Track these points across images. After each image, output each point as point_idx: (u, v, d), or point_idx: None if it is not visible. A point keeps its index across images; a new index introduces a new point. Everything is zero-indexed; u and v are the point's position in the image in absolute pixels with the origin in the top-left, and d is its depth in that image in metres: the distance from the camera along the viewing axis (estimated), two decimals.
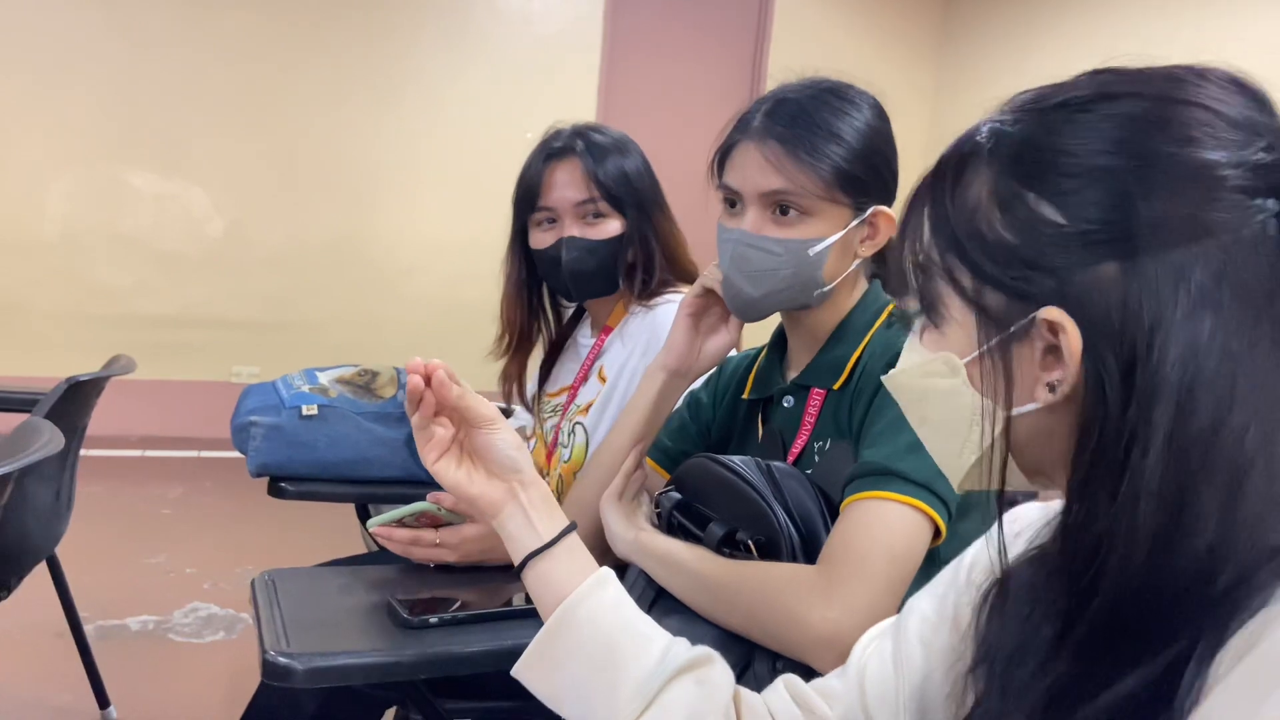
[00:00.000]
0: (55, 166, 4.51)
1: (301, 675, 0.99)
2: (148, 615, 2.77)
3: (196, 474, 4.23)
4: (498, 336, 1.68)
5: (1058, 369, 0.55)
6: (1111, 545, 0.52)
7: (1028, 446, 0.59)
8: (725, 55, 5.56)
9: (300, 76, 4.77)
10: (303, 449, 1.67)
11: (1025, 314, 0.56)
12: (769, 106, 1.13)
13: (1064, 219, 0.55)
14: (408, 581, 1.28)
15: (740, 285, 1.15)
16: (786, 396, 1.19)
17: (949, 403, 0.62)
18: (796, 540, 1.00)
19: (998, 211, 0.57)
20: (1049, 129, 0.56)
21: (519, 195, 1.59)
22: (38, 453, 1.35)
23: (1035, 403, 0.57)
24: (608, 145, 1.55)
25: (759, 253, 1.12)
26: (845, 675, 0.78)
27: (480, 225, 4.95)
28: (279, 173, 4.79)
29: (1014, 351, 0.57)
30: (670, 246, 1.60)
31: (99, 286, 4.59)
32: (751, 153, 1.11)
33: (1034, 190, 0.56)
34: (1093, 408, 0.54)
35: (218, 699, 2.32)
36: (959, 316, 0.60)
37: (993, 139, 0.59)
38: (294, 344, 4.78)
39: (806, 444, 1.14)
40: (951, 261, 0.60)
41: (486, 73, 5.03)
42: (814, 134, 1.09)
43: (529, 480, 0.84)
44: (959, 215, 0.59)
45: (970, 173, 0.59)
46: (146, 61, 4.55)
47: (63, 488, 2.03)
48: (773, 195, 1.10)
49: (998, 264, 0.57)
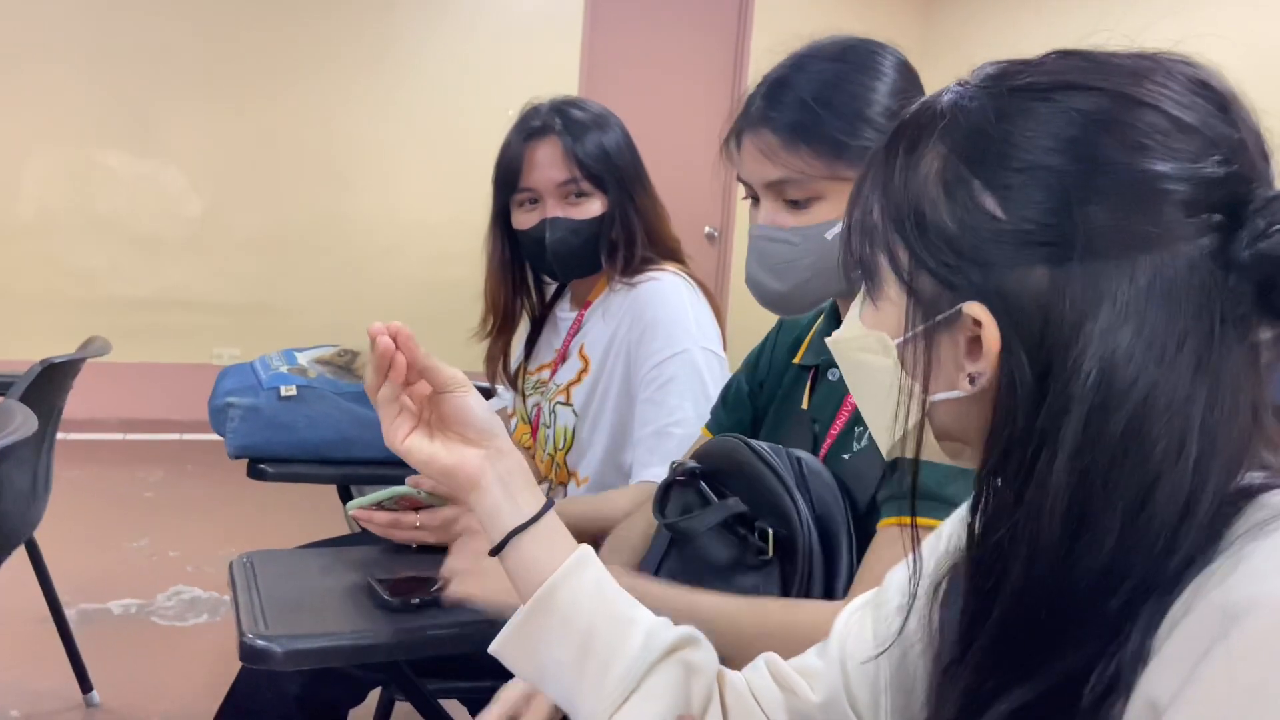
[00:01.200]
0: (29, 147, 4.44)
1: (280, 658, 0.99)
2: (130, 599, 2.75)
3: (178, 457, 4.21)
4: (482, 318, 1.66)
5: (979, 361, 0.55)
6: (1013, 552, 0.52)
7: (948, 430, 0.59)
8: (708, 28, 5.52)
9: (278, 56, 4.71)
10: (282, 430, 1.65)
11: (952, 304, 0.55)
12: (766, 89, 1.06)
13: (1004, 214, 0.53)
14: (388, 562, 1.27)
15: (766, 281, 1.09)
16: (833, 369, 1.13)
17: (878, 379, 0.62)
18: (815, 543, 0.98)
19: (943, 195, 0.56)
20: (1004, 115, 0.55)
21: (499, 175, 1.57)
22: (10, 436, 1.34)
23: (956, 391, 0.57)
24: (587, 122, 1.53)
25: (777, 245, 1.06)
26: (826, 653, 0.77)
27: (461, 204, 4.92)
28: (257, 153, 4.74)
29: (939, 338, 0.57)
30: (652, 222, 1.58)
31: (76, 269, 4.54)
32: (750, 143, 1.06)
33: (979, 178, 0.55)
34: (1004, 407, 0.53)
35: (201, 682, 2.31)
36: (893, 295, 0.59)
37: (950, 114, 0.57)
38: (275, 325, 4.75)
39: (846, 425, 1.08)
40: (892, 236, 0.59)
41: (467, 49, 4.98)
42: (808, 113, 1.02)
43: (505, 449, 0.80)
44: (907, 191, 0.58)
45: (924, 146, 0.58)
46: (121, 39, 4.49)
47: (39, 471, 2.01)
48: (777, 185, 1.05)
49: (933, 249, 0.56)
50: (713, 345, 1.50)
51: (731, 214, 5.62)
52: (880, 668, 0.72)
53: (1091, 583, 0.50)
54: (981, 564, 0.54)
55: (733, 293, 5.50)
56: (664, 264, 1.57)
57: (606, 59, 5.29)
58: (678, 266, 1.58)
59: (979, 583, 0.54)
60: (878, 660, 0.72)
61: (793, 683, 0.77)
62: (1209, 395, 0.50)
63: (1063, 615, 0.50)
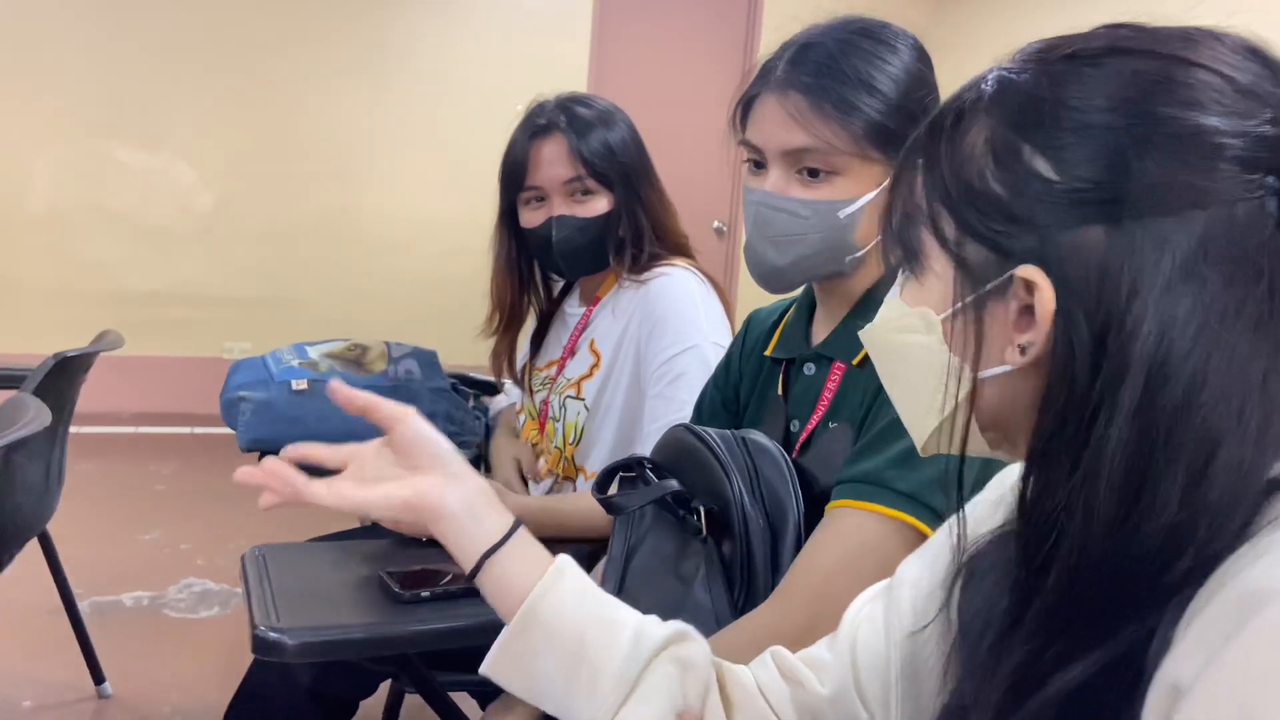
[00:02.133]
0: (41, 141, 4.46)
1: (291, 650, 0.99)
2: (142, 591, 2.77)
3: (189, 450, 4.23)
4: (488, 315, 1.67)
5: (1030, 331, 0.54)
6: (1069, 521, 0.50)
7: (993, 412, 0.58)
8: (717, 23, 5.51)
9: (289, 50, 4.72)
10: (293, 424, 1.66)
11: (1003, 270, 0.54)
12: (793, 53, 1.02)
13: (1056, 175, 0.53)
14: (399, 555, 1.28)
15: (764, 252, 1.05)
16: (808, 364, 1.11)
17: (921, 360, 0.60)
18: (755, 519, 0.97)
19: (991, 162, 0.55)
20: (1055, 80, 0.54)
21: (505, 173, 1.57)
22: (24, 429, 1.35)
23: (1005, 365, 0.55)
24: (592, 119, 1.53)
25: (784, 215, 1.02)
26: (835, 645, 0.76)
27: (470, 200, 4.92)
28: (268, 147, 4.75)
29: (989, 309, 0.55)
30: (659, 218, 1.58)
31: (87, 263, 4.55)
32: (773, 106, 1.01)
33: (1030, 143, 0.54)
34: (1060, 373, 0.52)
35: (212, 674, 2.33)
36: (938, 269, 0.58)
37: (996, 86, 0.57)
38: (285, 319, 4.76)
39: (821, 420, 1.07)
40: (937, 210, 0.58)
41: (476, 45, 4.98)
42: (842, 83, 0.98)
43: (462, 473, 0.77)
44: (952, 163, 0.57)
45: (970, 120, 0.57)
46: (133, 35, 4.50)
47: (52, 464, 2.02)
48: (797, 153, 1.00)
49: (983, 216, 0.55)
50: (722, 340, 1.50)
51: (740, 208, 5.61)
52: (891, 660, 0.71)
53: (1151, 551, 0.48)
54: (1034, 535, 0.53)
55: (742, 287, 5.49)
56: (673, 259, 1.57)
57: (615, 55, 5.28)
58: (687, 261, 1.58)
59: (1031, 554, 0.53)
60: (889, 652, 0.71)
61: (800, 675, 0.76)
62: (1269, 358, 0.49)
63: (1122, 585, 0.49)
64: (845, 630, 0.76)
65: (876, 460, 0.95)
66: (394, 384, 1.75)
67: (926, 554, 0.74)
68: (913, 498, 0.93)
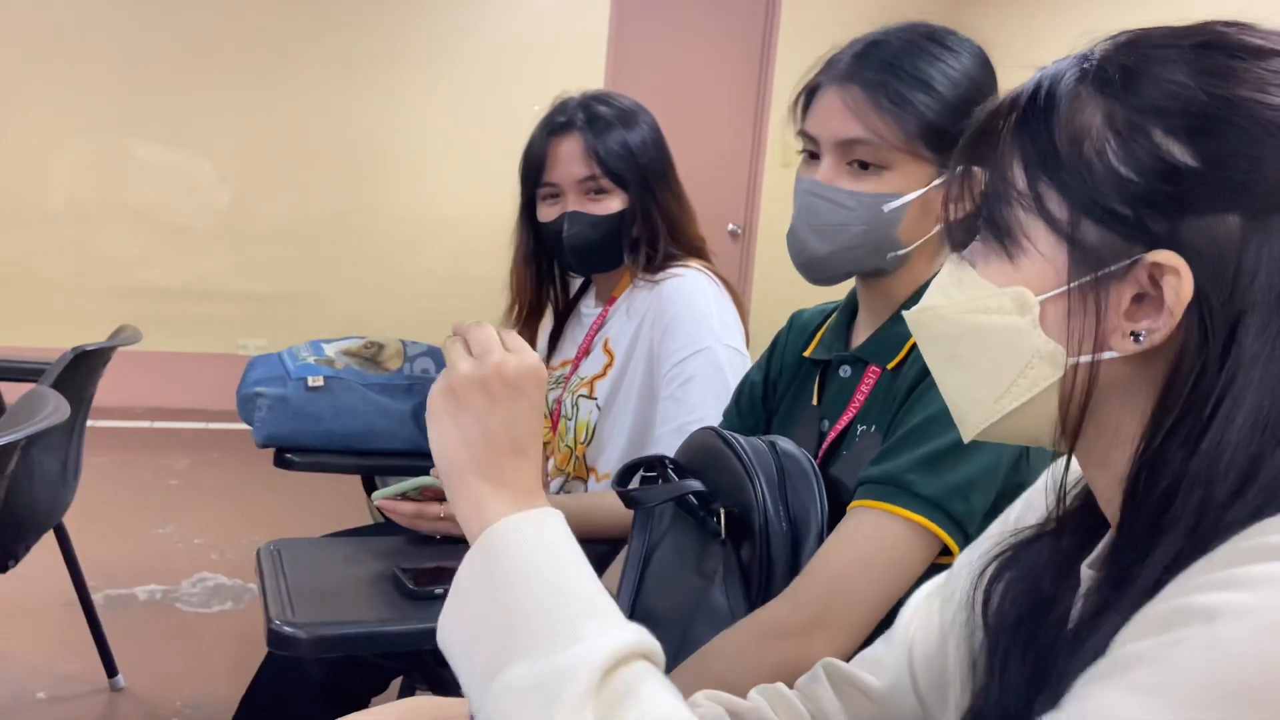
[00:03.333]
0: (61, 137, 4.49)
1: (306, 644, 1.00)
2: (155, 585, 2.78)
3: (204, 445, 4.25)
4: (508, 307, 1.68)
5: (1146, 318, 0.52)
6: (1184, 505, 0.50)
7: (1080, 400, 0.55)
8: (735, 25, 5.50)
9: (307, 48, 4.74)
10: (309, 420, 1.67)
11: (1128, 254, 0.52)
12: (859, 49, 1.04)
13: (1194, 160, 0.51)
14: (413, 552, 1.28)
15: (806, 239, 1.05)
16: (844, 366, 1.11)
17: (1003, 342, 0.57)
18: (777, 524, 0.97)
19: (1113, 142, 0.53)
20: (1187, 67, 0.53)
21: (525, 168, 1.58)
22: (44, 422, 1.35)
23: (1113, 351, 0.54)
24: (611, 118, 1.54)
25: (829, 205, 1.03)
26: (891, 641, 0.75)
27: (487, 197, 4.95)
28: (285, 144, 4.78)
29: (1106, 292, 0.53)
30: (676, 220, 1.59)
31: (105, 258, 4.58)
32: (832, 97, 1.03)
33: (1161, 125, 0.52)
34: (1190, 363, 0.51)
35: (225, 668, 2.34)
36: (1045, 250, 0.56)
37: (1108, 66, 0.55)
38: (300, 316, 4.78)
39: (850, 423, 1.07)
40: (1044, 189, 0.55)
41: (494, 45, 4.99)
42: (900, 80, 1.00)
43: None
44: (1063, 140, 0.55)
45: (1078, 98, 0.55)
46: (152, 32, 4.53)
47: (69, 457, 2.04)
48: (849, 144, 1.02)
49: (1107, 197, 0.53)
50: (736, 343, 1.50)
51: (756, 211, 5.60)
52: (949, 653, 0.70)
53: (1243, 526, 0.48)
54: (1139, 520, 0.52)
55: (756, 290, 5.49)
56: (688, 261, 1.57)
57: (633, 56, 5.29)
58: (702, 263, 1.58)
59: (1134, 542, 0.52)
60: (944, 646, 0.71)
61: (854, 679, 0.75)
62: None
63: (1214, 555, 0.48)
64: (902, 625, 0.76)
65: (900, 461, 0.95)
66: (409, 382, 1.76)
67: (983, 546, 0.72)
68: (934, 503, 0.93)
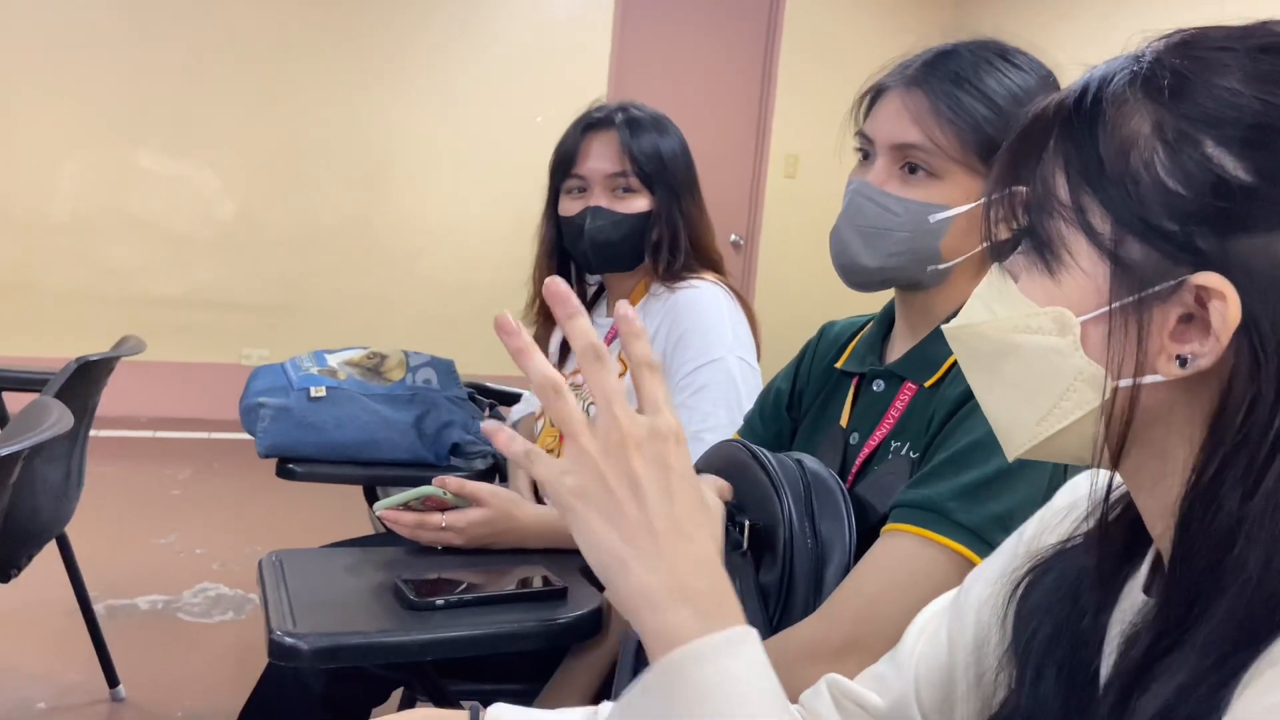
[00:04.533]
0: (66, 147, 4.51)
1: (308, 655, 1.00)
2: (157, 595, 2.78)
3: (206, 455, 4.25)
4: (529, 301, 1.68)
5: (1192, 341, 0.49)
6: (1247, 545, 0.46)
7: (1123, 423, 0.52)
8: (738, 38, 5.52)
9: (312, 59, 4.76)
10: (311, 430, 1.67)
11: (1174, 274, 0.49)
12: (930, 57, 1.03)
13: (1247, 174, 0.48)
14: (415, 563, 1.28)
15: (849, 239, 1.04)
16: (878, 380, 1.10)
17: (1045, 363, 0.54)
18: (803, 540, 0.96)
19: (1162, 153, 0.50)
20: (1243, 73, 0.50)
21: (554, 162, 1.60)
22: (47, 432, 1.36)
23: (1157, 375, 0.50)
24: (646, 122, 1.57)
25: (876, 208, 1.02)
26: (897, 658, 0.74)
27: (491, 209, 4.97)
28: (290, 155, 4.79)
29: (1149, 314, 0.50)
30: (697, 231, 1.60)
31: (109, 267, 4.60)
32: (894, 99, 1.02)
33: (1213, 136, 0.49)
34: (1241, 392, 0.48)
35: (226, 679, 2.34)
36: (1086, 266, 0.52)
37: (1161, 70, 0.52)
38: (303, 326, 4.79)
39: (885, 440, 1.05)
40: (1088, 202, 0.52)
41: (497, 55, 5.01)
42: (965, 91, 0.99)
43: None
44: (1109, 150, 0.52)
45: (1128, 105, 0.52)
46: (158, 42, 4.55)
47: (72, 467, 2.04)
48: (904, 148, 1.01)
49: (1153, 212, 0.50)
50: (748, 356, 1.51)
51: (758, 222, 5.61)
52: (957, 674, 0.69)
53: None
54: (1198, 558, 0.48)
55: (758, 302, 5.49)
56: (704, 274, 1.58)
57: (636, 68, 5.30)
58: (718, 277, 1.59)
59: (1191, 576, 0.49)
60: (951, 666, 0.69)
61: (858, 698, 0.74)
62: None
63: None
64: (908, 644, 0.74)
65: (941, 487, 0.93)
66: (412, 392, 1.76)
67: (993, 565, 0.71)
68: (974, 532, 0.91)
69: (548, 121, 1.63)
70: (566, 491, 0.56)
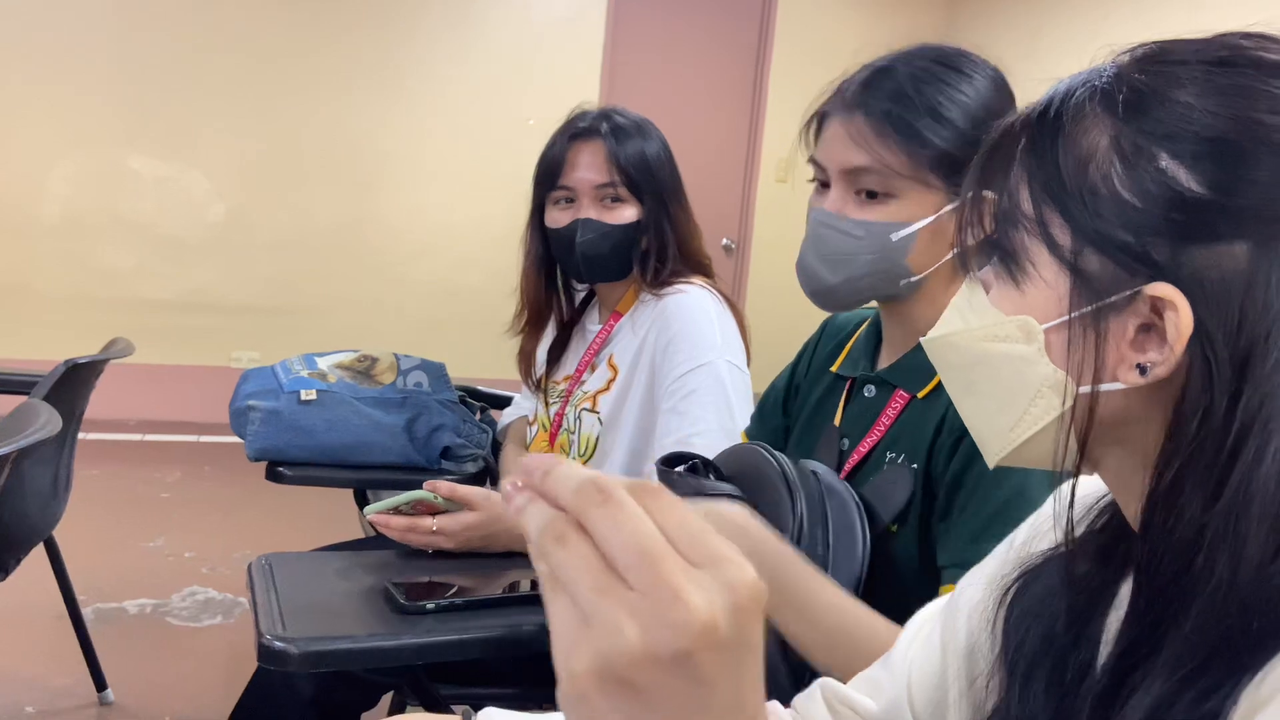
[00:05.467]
0: (57, 149, 4.49)
1: (297, 659, 0.99)
2: (145, 599, 2.77)
3: (195, 458, 4.23)
4: (516, 313, 1.68)
5: (1150, 350, 0.50)
6: (1213, 554, 0.47)
7: (1094, 430, 0.53)
8: (730, 43, 5.53)
9: (303, 61, 4.76)
10: (301, 434, 1.66)
11: (1130, 285, 0.50)
12: (866, 76, 1.03)
13: (1199, 186, 0.49)
14: (405, 567, 1.28)
15: (816, 269, 1.05)
16: (869, 385, 1.10)
17: (1014, 371, 0.56)
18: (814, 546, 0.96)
19: (1119, 166, 0.51)
20: (1188, 85, 0.51)
21: (540, 173, 1.59)
22: (35, 434, 1.35)
23: (1117, 384, 0.52)
24: (630, 129, 1.56)
25: (837, 235, 1.03)
26: (890, 663, 0.74)
27: (482, 211, 4.97)
28: (281, 158, 4.78)
29: (1107, 324, 0.51)
30: (685, 237, 1.60)
31: (100, 270, 4.58)
32: (838, 126, 1.03)
33: (1168, 150, 0.50)
34: (1195, 400, 0.49)
35: (215, 683, 2.32)
36: (1048, 277, 0.54)
37: (1118, 86, 0.53)
38: (294, 329, 4.78)
39: (876, 446, 1.06)
40: (1049, 214, 0.54)
41: (489, 58, 5.01)
42: (908, 109, 0.99)
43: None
44: (1068, 163, 0.53)
45: (1087, 119, 0.53)
46: (149, 45, 4.53)
47: (60, 470, 2.03)
48: (855, 172, 1.01)
49: (1110, 225, 0.51)
50: (737, 360, 1.51)
51: (750, 226, 5.62)
52: (949, 679, 0.69)
53: None
54: (1164, 565, 0.49)
55: (749, 305, 5.50)
56: (692, 278, 1.58)
57: (628, 71, 5.31)
58: (706, 280, 1.59)
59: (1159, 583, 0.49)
60: (945, 672, 0.69)
61: (851, 702, 0.74)
62: None
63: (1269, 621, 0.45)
64: (901, 648, 0.74)
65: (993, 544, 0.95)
66: (403, 396, 1.76)
67: (986, 569, 0.71)
68: None
69: (540, 124, 1.62)
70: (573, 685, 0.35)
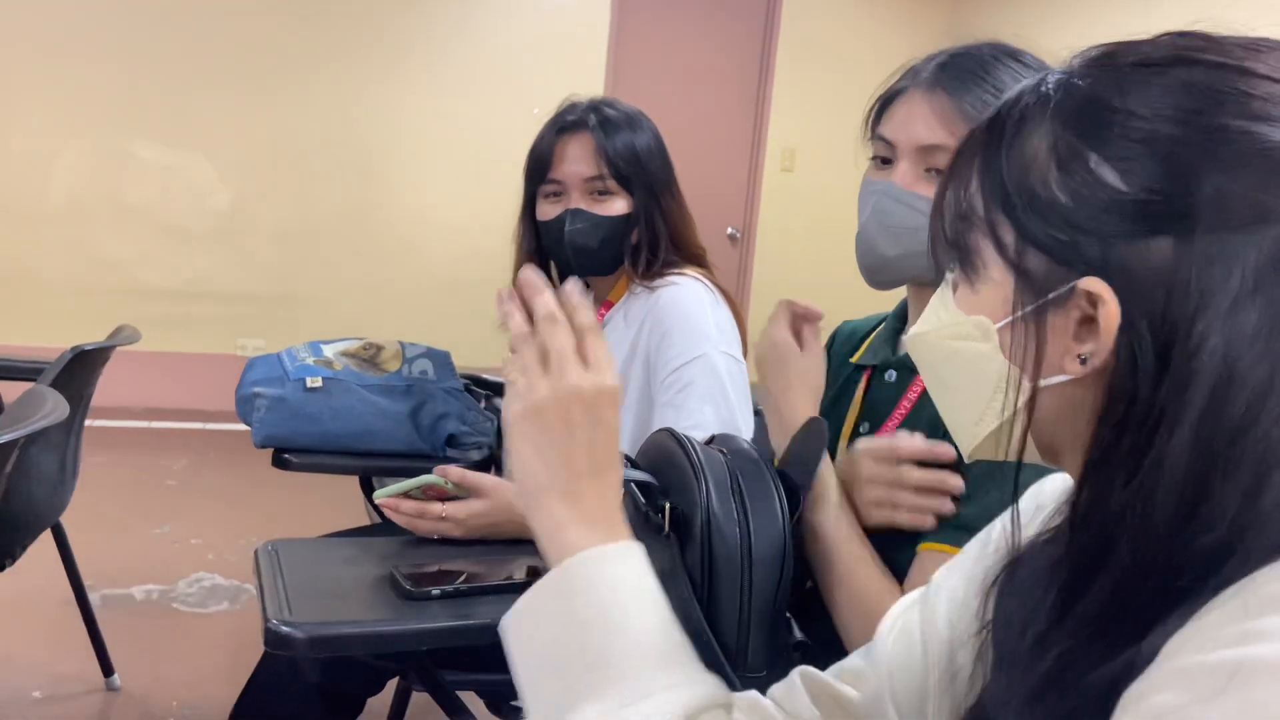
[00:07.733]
0: (62, 137, 4.49)
1: (303, 644, 1.00)
2: (152, 585, 2.78)
3: (202, 445, 4.25)
4: None
5: (1090, 341, 0.53)
6: (1123, 528, 0.50)
7: (1047, 421, 0.57)
8: (735, 31, 5.52)
9: (308, 50, 4.75)
10: (307, 421, 1.67)
11: (1066, 281, 0.54)
12: (944, 59, 1.04)
13: (1124, 185, 0.52)
14: (411, 553, 1.28)
15: (876, 240, 1.06)
16: (890, 370, 1.12)
17: (975, 368, 0.60)
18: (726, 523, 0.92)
19: (1055, 169, 0.54)
20: (1121, 88, 0.54)
21: (529, 166, 1.58)
22: (42, 421, 1.36)
23: (1064, 374, 0.55)
24: (620, 121, 1.54)
25: (904, 209, 1.03)
26: (871, 653, 0.75)
27: (486, 200, 4.96)
28: (286, 146, 4.78)
29: (1049, 319, 0.55)
30: (677, 227, 1.58)
31: (105, 258, 4.59)
32: (917, 103, 1.03)
33: (1097, 151, 0.53)
34: (1121, 385, 0.52)
35: (221, 669, 2.34)
36: (997, 276, 0.57)
37: (1060, 91, 0.56)
38: (299, 317, 4.78)
39: (896, 430, 1.06)
40: (996, 216, 0.57)
41: (494, 47, 5.00)
42: (984, 89, 1.00)
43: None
44: (1012, 168, 0.56)
45: (1031, 125, 0.56)
46: (153, 32, 4.53)
47: (67, 456, 2.04)
48: (930, 150, 1.02)
49: (1045, 224, 0.54)
50: (733, 350, 1.50)
51: (754, 215, 5.61)
52: (929, 669, 0.70)
53: (1199, 561, 0.48)
54: (1086, 540, 0.53)
55: (754, 295, 5.50)
56: (685, 268, 1.57)
57: (633, 59, 5.30)
58: (699, 271, 1.58)
59: (1081, 557, 0.53)
60: (925, 661, 0.70)
61: (832, 691, 0.74)
62: None
63: (1167, 591, 0.49)
64: (881, 638, 0.75)
65: (972, 508, 0.94)
66: (408, 383, 1.76)
67: (963, 563, 0.73)
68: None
69: (545, 114, 1.61)
70: (512, 414, 0.67)
